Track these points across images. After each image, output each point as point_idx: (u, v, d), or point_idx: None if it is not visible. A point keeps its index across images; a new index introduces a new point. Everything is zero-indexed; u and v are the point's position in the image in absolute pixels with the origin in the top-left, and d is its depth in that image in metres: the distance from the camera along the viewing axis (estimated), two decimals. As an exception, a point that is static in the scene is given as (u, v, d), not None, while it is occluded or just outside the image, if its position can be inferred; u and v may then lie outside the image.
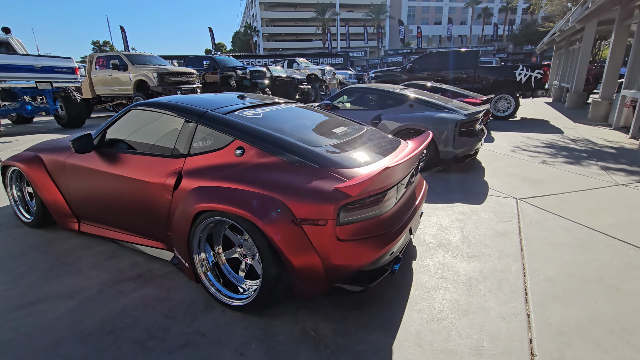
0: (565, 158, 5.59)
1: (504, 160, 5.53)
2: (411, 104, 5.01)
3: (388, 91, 5.23)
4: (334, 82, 15.79)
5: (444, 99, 5.60)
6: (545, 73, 9.88)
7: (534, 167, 5.08)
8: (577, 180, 4.47)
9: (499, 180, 4.52)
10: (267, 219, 1.80)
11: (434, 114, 4.78)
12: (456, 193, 4.04)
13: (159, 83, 10.99)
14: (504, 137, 7.48)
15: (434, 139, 4.66)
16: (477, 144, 4.77)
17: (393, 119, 4.97)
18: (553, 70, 18.72)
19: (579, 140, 7.02)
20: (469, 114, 4.71)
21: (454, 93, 8.26)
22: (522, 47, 51.85)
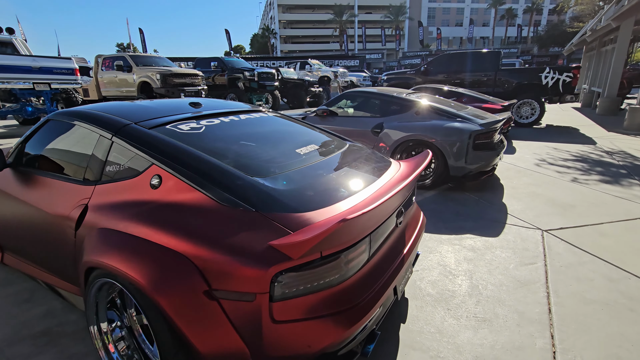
0: (601, 175, 4.78)
1: (527, 176, 4.78)
2: (417, 111, 4.36)
3: (392, 96, 4.59)
4: (334, 85, 14.49)
5: (458, 105, 4.91)
6: (575, 76, 8.96)
7: (563, 187, 4.32)
8: (617, 205, 3.70)
9: (521, 203, 3.80)
10: (165, 289, 1.22)
11: (443, 123, 4.11)
12: (467, 220, 3.36)
13: (162, 85, 10.69)
14: (527, 148, 6.68)
15: (444, 152, 3.99)
16: (494, 158, 4.06)
17: (396, 127, 4.33)
18: (582, 74, 17.47)
19: (616, 152, 6.15)
20: (486, 123, 4.02)
21: (471, 98, 7.52)
22: (548, 49, 49.74)
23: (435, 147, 4.05)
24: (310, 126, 2.49)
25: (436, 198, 3.96)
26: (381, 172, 1.94)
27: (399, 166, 2.11)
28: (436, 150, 4.07)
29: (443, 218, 3.39)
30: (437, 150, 4.05)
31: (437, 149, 4.04)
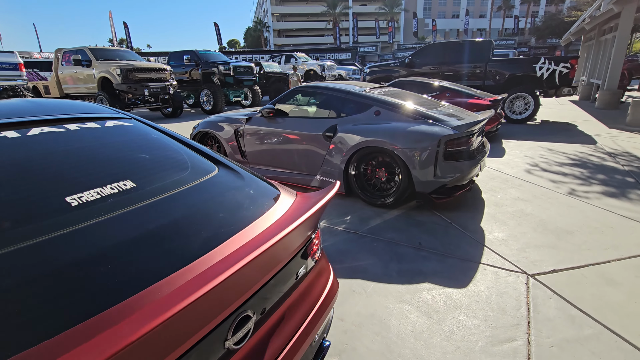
0: (603, 185, 3.96)
1: (515, 187, 3.95)
2: (378, 111, 3.51)
3: (347, 92, 3.73)
4: (293, 79, 13.35)
5: (431, 102, 4.06)
6: (572, 67, 8.11)
7: (558, 202, 3.50)
8: (626, 230, 2.88)
9: (504, 228, 2.97)
10: None
11: (407, 125, 3.26)
12: (430, 257, 2.53)
13: (123, 81, 9.78)
14: (519, 149, 5.85)
15: (407, 162, 3.16)
16: (472, 169, 3.23)
17: (352, 131, 3.48)
18: (581, 65, 16.61)
19: (619, 154, 5.33)
20: (461, 126, 3.18)
21: (456, 92, 6.68)
22: (546, 40, 48.69)
23: (396, 156, 3.21)
24: (175, 143, 1.64)
25: (397, 222, 3.13)
26: (231, 230, 1.11)
27: (275, 214, 1.28)
28: (398, 160, 3.23)
29: (399, 255, 2.56)
30: (399, 160, 3.22)
31: (399, 158, 3.21)
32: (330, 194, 1.35)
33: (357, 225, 3.08)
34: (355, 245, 2.72)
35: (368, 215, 3.29)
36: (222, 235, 1.09)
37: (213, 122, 4.65)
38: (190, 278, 0.88)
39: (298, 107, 4.14)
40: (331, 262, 2.47)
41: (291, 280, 1.23)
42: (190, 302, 0.71)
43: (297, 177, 3.98)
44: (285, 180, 4.09)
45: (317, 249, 1.47)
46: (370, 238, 2.83)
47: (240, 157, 4.43)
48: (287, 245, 1.17)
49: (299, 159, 3.93)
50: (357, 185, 3.55)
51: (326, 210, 3.35)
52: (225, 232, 1.11)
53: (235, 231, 1.12)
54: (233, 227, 1.14)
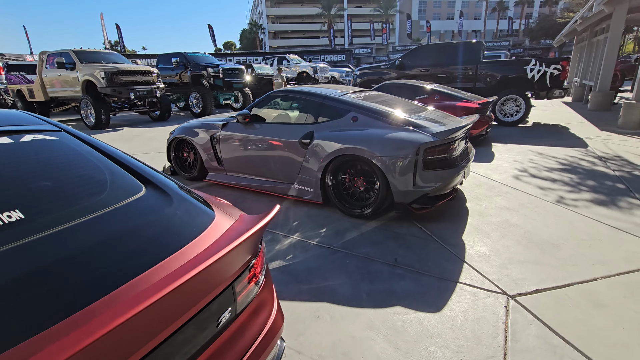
0: (593, 193, 3.81)
1: (502, 195, 3.79)
2: (355, 117, 3.33)
3: (324, 96, 3.55)
4: (278, 81, 12.63)
5: (414, 107, 3.90)
6: (563, 69, 8.00)
7: (546, 212, 3.34)
8: (615, 242, 2.72)
9: (487, 241, 2.80)
10: None
11: (385, 132, 3.09)
12: (405, 276, 2.35)
13: (108, 84, 9.56)
14: (508, 153, 5.70)
15: (384, 171, 2.98)
16: (454, 178, 3.07)
17: (328, 138, 3.30)
18: (573, 66, 16.58)
19: (610, 158, 5.19)
20: (442, 132, 3.01)
21: (444, 95, 6.53)
22: (539, 41, 48.93)
23: (374, 164, 3.04)
24: (102, 159, 1.44)
25: (374, 234, 2.95)
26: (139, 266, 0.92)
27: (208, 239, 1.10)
28: (376, 169, 3.06)
29: (372, 273, 2.38)
30: (376, 169, 3.04)
31: (376, 167, 3.03)
32: (265, 220, 1.17)
33: (332, 238, 2.90)
34: (326, 261, 2.54)
35: (345, 227, 3.11)
36: (126, 273, 0.91)
37: (189, 128, 4.45)
38: (76, 329, 0.70)
39: (275, 113, 3.96)
40: (298, 282, 2.30)
41: (218, 319, 1.04)
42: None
43: (275, 185, 3.80)
44: (262, 189, 3.92)
45: (258, 278, 1.29)
46: (344, 253, 2.65)
47: (216, 164, 4.24)
48: (210, 278, 0.99)
49: (276, 166, 3.75)
50: (334, 194, 3.38)
51: (301, 222, 3.18)
52: (131, 269, 0.93)
53: (145, 268, 0.94)
54: (143, 262, 0.96)
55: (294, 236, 2.95)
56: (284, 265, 2.50)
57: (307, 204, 3.63)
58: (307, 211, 3.47)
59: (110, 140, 7.74)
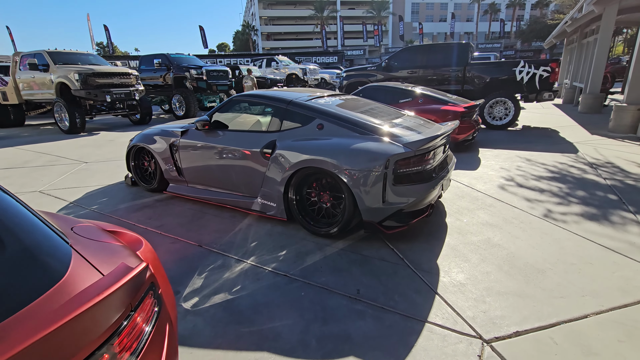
0: (583, 205, 3.51)
1: (485, 209, 3.48)
2: (320, 124, 2.99)
3: (289, 101, 3.21)
4: (248, 83, 11.79)
5: (390, 112, 3.57)
6: (552, 71, 7.75)
7: (532, 229, 3.03)
8: (607, 266, 2.42)
9: (465, 266, 2.48)
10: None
11: (351, 142, 2.75)
12: (365, 313, 2.01)
13: (82, 86, 9.13)
14: (495, 159, 5.41)
15: (350, 186, 2.65)
16: (430, 192, 2.74)
17: (291, 147, 2.96)
18: (563, 68, 16.47)
19: (601, 165, 4.92)
20: (416, 142, 2.68)
21: (429, 98, 6.23)
22: (531, 43, 49.23)
23: (339, 178, 2.71)
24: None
25: (339, 258, 2.62)
26: None
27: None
28: (341, 184, 2.72)
29: (328, 309, 2.04)
30: (342, 183, 2.71)
31: (341, 181, 2.70)
32: (119, 284, 0.83)
33: (291, 263, 2.55)
34: (279, 294, 2.19)
35: (308, 248, 2.77)
36: None
37: (148, 136, 4.09)
38: None
39: (238, 119, 3.61)
40: (239, 323, 1.92)
41: None
42: None
43: (237, 199, 3.45)
44: (224, 203, 3.56)
45: (134, 348, 0.95)
46: (301, 283, 2.30)
47: (176, 174, 3.88)
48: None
49: (238, 178, 3.40)
50: (298, 211, 3.03)
51: (260, 242, 2.83)
52: None
53: None
54: None
55: (248, 260, 2.60)
56: (228, 299, 2.15)
57: (272, 220, 3.28)
58: (269, 229, 3.12)
59: (81, 146, 7.33)
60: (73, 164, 5.82)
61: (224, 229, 3.16)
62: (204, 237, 3.01)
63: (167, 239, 3.00)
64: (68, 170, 5.38)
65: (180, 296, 2.19)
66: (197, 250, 2.79)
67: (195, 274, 2.42)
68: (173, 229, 3.19)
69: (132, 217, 3.49)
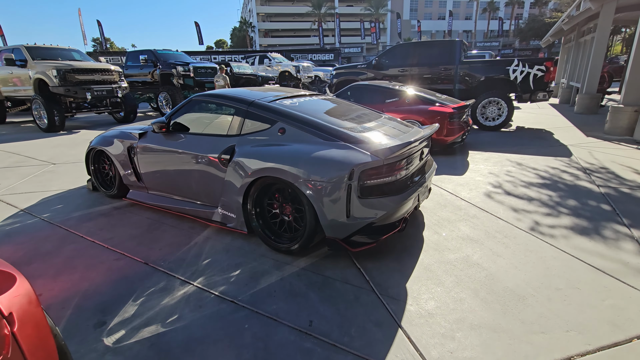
0: (574, 217, 3.24)
1: (467, 220, 3.20)
2: (282, 128, 2.70)
3: (250, 102, 2.91)
4: (220, 82, 10.75)
5: (363, 115, 3.28)
6: (547, 70, 7.47)
7: (516, 244, 2.75)
8: (597, 292, 2.14)
9: (437, 291, 2.20)
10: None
11: (313, 149, 2.46)
12: (311, 354, 1.73)
13: (61, 83, 8.79)
14: (484, 163, 5.13)
15: (311, 199, 2.36)
16: (404, 204, 2.46)
17: (250, 154, 2.67)
18: (560, 67, 16.19)
19: (595, 170, 4.65)
20: (386, 149, 2.39)
21: (416, 98, 5.94)
22: (529, 42, 48.93)
23: (298, 190, 2.42)
24: None
25: (297, 280, 2.33)
26: None
27: None
28: (301, 196, 2.43)
29: (271, 348, 1.75)
30: (302, 195, 2.42)
31: (301, 193, 2.41)
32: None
33: (242, 286, 2.27)
34: (219, 326, 1.91)
35: (265, 267, 2.48)
36: None
37: (107, 137, 3.79)
38: None
39: (199, 121, 3.31)
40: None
41: None
42: None
43: (198, 208, 3.15)
44: (184, 213, 3.27)
45: None
46: (247, 312, 2.02)
47: (135, 180, 3.58)
48: None
49: (198, 186, 3.11)
50: (258, 224, 2.74)
51: (214, 260, 2.55)
52: None
53: None
54: None
55: (194, 282, 2.31)
56: (159, 333, 1.86)
57: (233, 233, 2.99)
58: (228, 243, 2.83)
59: (55, 146, 7.01)
60: (41, 165, 5.50)
61: (178, 242, 2.87)
62: (153, 252, 2.72)
63: (112, 254, 2.70)
64: (33, 172, 5.07)
65: (105, 328, 1.90)
66: (141, 268, 2.50)
67: (131, 300, 2.13)
68: (123, 242, 2.90)
69: (82, 227, 3.19)
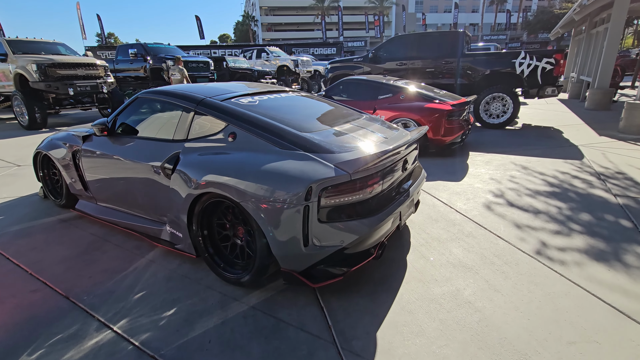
0: (587, 236, 2.73)
1: (462, 240, 2.71)
2: (233, 132, 2.22)
3: (199, 100, 2.44)
4: (176, 77, 9.55)
5: (338, 116, 2.78)
6: (557, 63, 6.88)
7: (516, 275, 2.26)
8: (621, 347, 1.65)
9: (415, 345, 1.72)
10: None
11: (264, 160, 1.98)
12: None
13: (41, 78, 8.38)
14: (486, 166, 4.62)
15: (259, 223, 1.90)
16: (379, 227, 1.98)
17: (195, 164, 2.20)
18: (570, 60, 15.47)
19: (611, 176, 4.12)
20: (357, 160, 1.91)
21: (411, 94, 5.43)
22: (537, 35, 47.64)
23: (245, 211, 1.95)
24: None
25: (241, 325, 1.87)
26: None
27: None
28: (249, 218, 1.96)
29: None
30: (249, 217, 1.95)
31: (248, 215, 1.94)
32: None
33: (172, 332, 1.81)
34: (124, 396, 1.46)
35: (208, 304, 2.02)
36: None
37: (53, 140, 3.35)
38: None
39: (145, 123, 2.85)
40: None
41: None
42: None
43: (146, 225, 2.70)
44: (131, 229, 2.82)
45: None
46: (166, 374, 1.57)
47: (82, 189, 3.14)
48: None
49: (144, 199, 2.65)
50: (205, 247, 2.28)
51: (149, 292, 2.10)
52: None
53: None
54: None
55: (115, 326, 1.86)
56: (41, 408, 1.41)
57: (182, 256, 2.54)
58: (174, 269, 2.38)
59: (27, 146, 6.59)
60: (3, 167, 5.10)
61: (115, 267, 2.42)
62: (81, 281, 2.27)
63: (31, 283, 2.27)
64: (-9, 176, 4.66)
65: (-25, 399, 1.46)
66: (58, 304, 2.06)
67: (25, 354, 1.69)
68: (51, 266, 2.46)
69: (12, 246, 2.76)
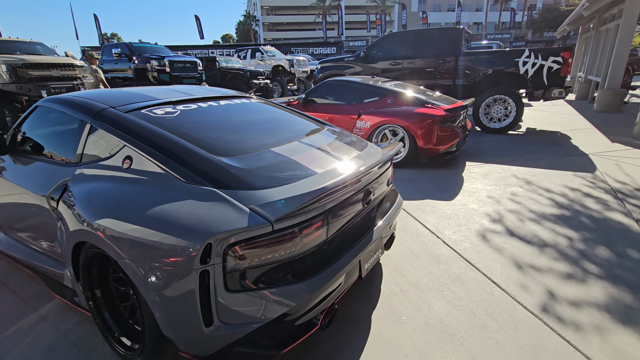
0: (607, 283, 2.13)
1: (445, 285, 2.12)
2: (128, 157, 1.64)
3: (97, 112, 1.85)
4: (89, 80, 8.12)
5: (291, 129, 2.21)
6: (565, 62, 6.25)
7: (517, 345, 1.67)
8: None
9: None
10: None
11: (153, 199, 1.41)
12: None
13: (12, 79, 7.89)
14: (484, 181, 4.02)
15: (142, 290, 1.32)
16: (320, 290, 1.40)
17: (77, 200, 1.63)
18: (577, 59, 14.76)
19: (629, 194, 3.50)
20: (288, 201, 1.34)
21: (400, 97, 4.84)
22: (542, 33, 46.70)
23: (124, 274, 1.38)
24: None
25: None
26: None
27: None
28: (131, 284, 1.39)
29: None
30: (131, 284, 1.38)
31: (129, 280, 1.37)
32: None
33: None
34: None
35: (83, 397, 1.46)
36: None
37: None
38: None
39: (45, 139, 2.29)
40: None
41: None
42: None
43: (47, 267, 2.13)
44: (34, 269, 2.26)
45: None
46: None
47: (-11, 217, 2.59)
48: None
49: (44, 235, 2.10)
50: (94, 308, 1.72)
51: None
52: None
53: None
54: None
55: None
56: None
57: (82, 313, 1.98)
58: (64, 334, 1.82)
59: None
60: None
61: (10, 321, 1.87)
62: None
63: None
64: None
65: None
66: None
67: None
68: None
69: None
